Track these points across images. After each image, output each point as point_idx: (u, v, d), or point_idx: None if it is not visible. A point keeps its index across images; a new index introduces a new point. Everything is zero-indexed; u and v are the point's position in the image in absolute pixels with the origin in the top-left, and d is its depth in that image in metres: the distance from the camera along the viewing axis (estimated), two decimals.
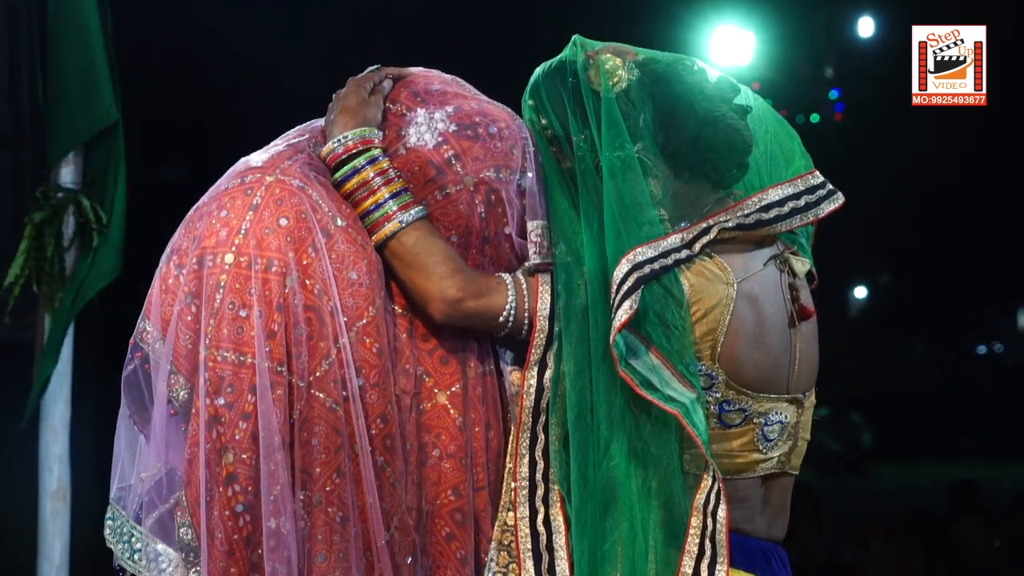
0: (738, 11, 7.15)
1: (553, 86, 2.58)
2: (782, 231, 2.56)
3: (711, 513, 2.42)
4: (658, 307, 2.43)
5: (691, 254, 2.47)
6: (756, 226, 2.53)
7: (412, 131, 2.55)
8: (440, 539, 2.50)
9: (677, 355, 2.43)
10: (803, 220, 2.56)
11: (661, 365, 2.42)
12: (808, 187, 2.58)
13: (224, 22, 6.39)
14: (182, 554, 2.45)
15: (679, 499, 2.43)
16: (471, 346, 2.54)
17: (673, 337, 2.43)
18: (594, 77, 2.54)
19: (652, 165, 2.51)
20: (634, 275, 2.41)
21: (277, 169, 2.49)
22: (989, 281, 10.62)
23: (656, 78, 2.55)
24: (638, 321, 2.42)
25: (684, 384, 2.41)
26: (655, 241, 2.45)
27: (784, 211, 2.54)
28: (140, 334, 2.51)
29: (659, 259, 2.44)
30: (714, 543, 2.41)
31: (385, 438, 2.44)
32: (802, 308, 2.57)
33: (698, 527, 2.42)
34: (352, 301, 2.43)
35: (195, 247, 2.46)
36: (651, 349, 2.42)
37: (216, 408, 2.40)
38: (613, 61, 2.54)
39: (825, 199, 2.59)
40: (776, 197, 2.55)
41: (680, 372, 2.42)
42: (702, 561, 2.42)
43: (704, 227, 2.50)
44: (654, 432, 2.44)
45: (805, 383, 2.58)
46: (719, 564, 2.41)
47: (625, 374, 2.41)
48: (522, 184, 2.56)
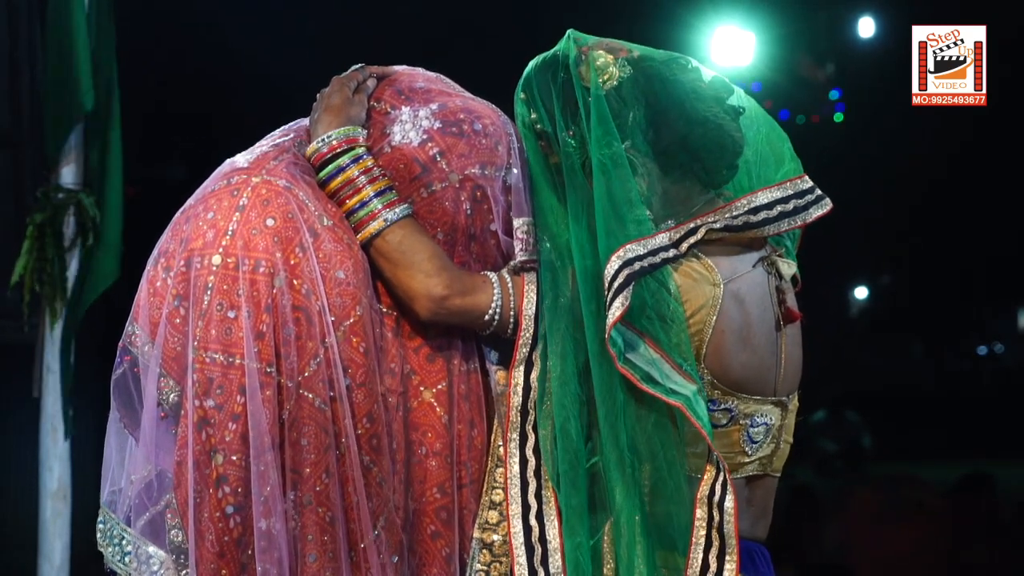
0: (738, 11, 7.15)
1: (544, 81, 2.58)
2: (770, 234, 2.56)
3: (717, 504, 2.42)
4: (654, 302, 2.44)
5: (678, 254, 2.48)
6: (744, 228, 2.53)
7: (397, 129, 2.55)
8: (426, 537, 2.50)
9: (676, 349, 2.43)
10: (791, 224, 2.56)
11: (660, 359, 2.42)
12: (797, 191, 2.58)
13: (225, 22, 6.40)
14: (173, 556, 2.45)
15: (682, 492, 2.43)
16: (456, 344, 2.54)
17: (671, 331, 2.44)
18: (585, 73, 2.54)
19: (639, 163, 2.52)
20: (624, 272, 2.42)
21: (263, 170, 2.49)
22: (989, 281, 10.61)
23: (649, 76, 2.54)
24: (635, 316, 2.43)
25: (685, 377, 2.42)
26: (645, 239, 2.45)
27: (772, 214, 2.54)
28: (128, 337, 2.51)
29: (648, 256, 2.44)
30: (722, 533, 2.42)
31: (371, 438, 2.44)
32: (788, 311, 2.57)
33: (703, 518, 2.43)
34: (339, 301, 2.44)
35: (182, 249, 2.46)
36: (649, 344, 2.43)
37: (205, 410, 2.40)
38: (604, 58, 2.54)
39: (813, 204, 2.59)
40: (765, 200, 2.55)
41: (679, 365, 2.42)
42: (710, 552, 2.42)
43: (692, 227, 2.51)
44: (657, 426, 2.45)
45: (790, 386, 2.59)
46: (728, 554, 2.42)
47: (625, 370, 2.41)
48: (507, 180, 2.57)
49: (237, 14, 6.43)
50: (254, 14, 6.47)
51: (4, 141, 5.25)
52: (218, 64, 6.64)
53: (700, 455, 2.45)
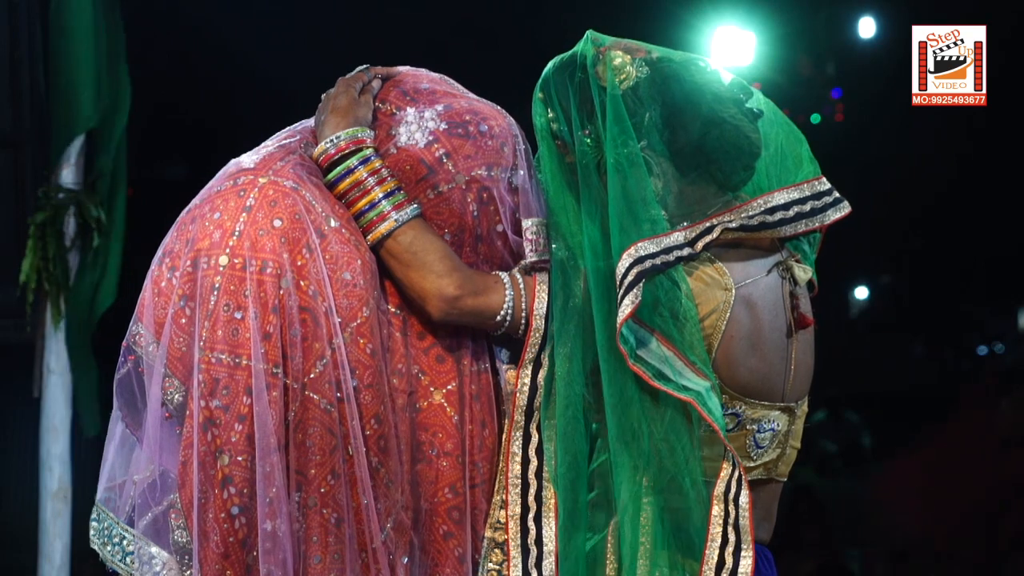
0: (739, 11, 7.15)
1: (562, 80, 2.58)
2: (786, 235, 2.56)
3: (732, 500, 2.42)
4: (667, 299, 2.44)
5: (693, 252, 2.47)
6: (760, 228, 2.52)
7: (403, 130, 2.55)
8: (438, 537, 2.50)
9: (689, 346, 2.43)
10: (808, 226, 2.56)
11: (673, 356, 2.42)
12: (815, 193, 2.57)
13: (225, 22, 6.39)
14: (176, 556, 2.45)
15: (698, 489, 2.43)
16: (466, 344, 2.54)
17: (684, 329, 2.44)
18: (602, 72, 2.54)
19: (655, 164, 2.52)
20: (635, 269, 2.42)
21: (270, 170, 2.49)
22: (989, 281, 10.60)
23: (666, 76, 2.54)
24: (648, 314, 2.43)
25: (697, 373, 2.42)
26: (658, 237, 2.45)
27: (789, 215, 2.54)
28: (133, 337, 2.51)
29: (660, 255, 2.44)
30: (737, 529, 2.42)
31: (379, 439, 2.44)
32: (801, 317, 2.56)
33: (719, 515, 2.43)
34: (346, 302, 2.43)
35: (188, 249, 2.45)
36: (662, 341, 2.43)
37: (211, 410, 2.39)
38: (622, 58, 2.54)
39: (831, 206, 2.58)
40: (782, 200, 2.54)
41: (692, 362, 2.42)
42: (726, 548, 2.42)
43: (707, 226, 2.50)
44: (672, 425, 2.45)
45: (799, 392, 2.58)
46: (744, 550, 2.42)
47: (636, 367, 2.41)
48: (514, 181, 2.57)
49: (237, 15, 6.42)
50: (254, 15, 6.47)
51: (4, 141, 5.24)
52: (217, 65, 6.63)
53: (714, 456, 2.45)
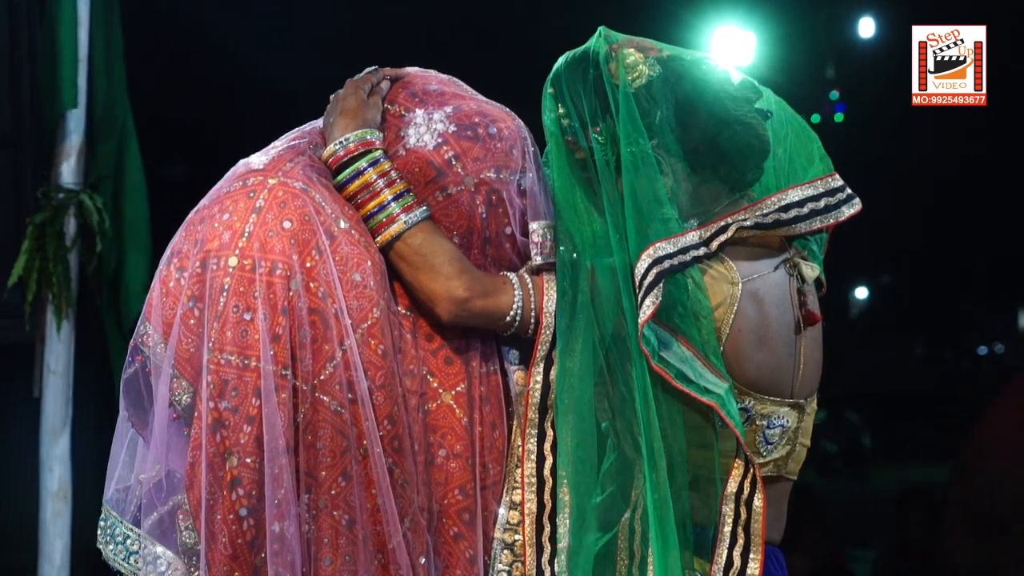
0: (739, 11, 7.15)
1: (574, 76, 2.58)
2: (801, 232, 2.56)
3: (745, 502, 2.43)
4: (686, 299, 2.44)
5: (709, 252, 2.48)
6: (774, 226, 2.53)
7: (411, 132, 2.55)
8: (449, 539, 2.50)
9: (708, 345, 2.44)
10: (823, 223, 2.57)
11: (693, 356, 2.43)
12: (828, 189, 2.58)
13: (226, 23, 6.39)
14: (183, 557, 2.45)
15: (714, 488, 2.44)
16: (475, 345, 2.54)
17: (703, 328, 2.44)
18: (614, 70, 2.54)
19: (666, 162, 2.52)
20: (654, 270, 2.42)
21: (279, 171, 2.49)
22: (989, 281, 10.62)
23: (678, 75, 2.55)
24: (667, 314, 2.43)
25: (716, 375, 2.42)
26: (674, 237, 2.46)
27: (803, 212, 2.55)
28: (140, 337, 2.50)
29: (678, 255, 2.45)
30: (748, 532, 2.43)
31: (393, 439, 2.43)
32: (809, 313, 2.57)
33: (730, 515, 2.43)
34: (356, 303, 2.43)
35: (198, 250, 2.45)
36: (682, 341, 2.43)
37: (220, 412, 2.39)
38: (635, 56, 2.54)
39: (844, 203, 2.59)
40: (796, 198, 2.55)
41: (712, 363, 2.43)
42: (735, 549, 2.43)
43: (722, 225, 2.51)
44: (689, 424, 2.45)
45: (808, 388, 2.59)
46: (753, 552, 2.43)
47: (660, 368, 2.41)
48: (522, 184, 2.56)
49: (237, 15, 6.42)
50: (254, 15, 6.47)
51: (4, 141, 5.23)
52: (218, 65, 6.63)
53: (727, 453, 2.46)
